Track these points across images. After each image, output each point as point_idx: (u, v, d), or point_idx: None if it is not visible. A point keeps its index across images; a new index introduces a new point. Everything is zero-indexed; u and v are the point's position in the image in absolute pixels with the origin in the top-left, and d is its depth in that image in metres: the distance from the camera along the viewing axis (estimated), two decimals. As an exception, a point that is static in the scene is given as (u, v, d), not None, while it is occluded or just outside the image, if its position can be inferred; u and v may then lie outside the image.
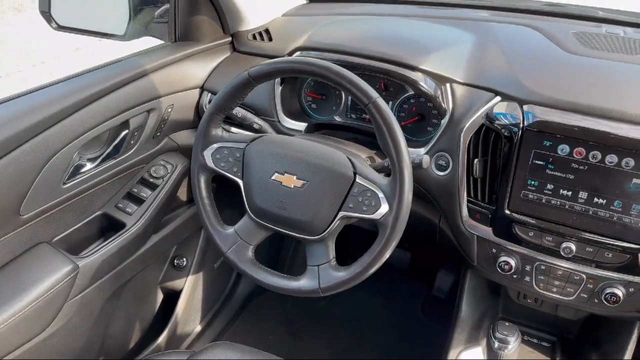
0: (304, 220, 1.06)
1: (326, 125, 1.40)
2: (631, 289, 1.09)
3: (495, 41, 1.27)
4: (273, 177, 1.08)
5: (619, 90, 1.06)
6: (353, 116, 1.41)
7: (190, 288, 1.70)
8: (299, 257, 2.12)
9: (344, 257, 1.15)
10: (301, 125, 1.37)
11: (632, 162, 0.98)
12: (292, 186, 1.06)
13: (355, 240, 1.47)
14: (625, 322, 1.27)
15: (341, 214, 1.04)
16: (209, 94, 1.46)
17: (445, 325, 1.50)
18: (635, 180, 0.99)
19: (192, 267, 1.69)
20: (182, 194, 1.56)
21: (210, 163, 1.15)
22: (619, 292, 1.09)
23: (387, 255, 1.01)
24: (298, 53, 1.37)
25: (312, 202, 1.05)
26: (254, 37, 1.51)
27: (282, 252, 2.13)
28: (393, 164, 0.99)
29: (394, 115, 1.32)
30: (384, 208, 1.00)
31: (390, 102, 1.34)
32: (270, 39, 1.49)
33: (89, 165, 1.26)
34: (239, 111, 1.30)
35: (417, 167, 1.08)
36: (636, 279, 1.07)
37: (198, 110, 1.48)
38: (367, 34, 1.38)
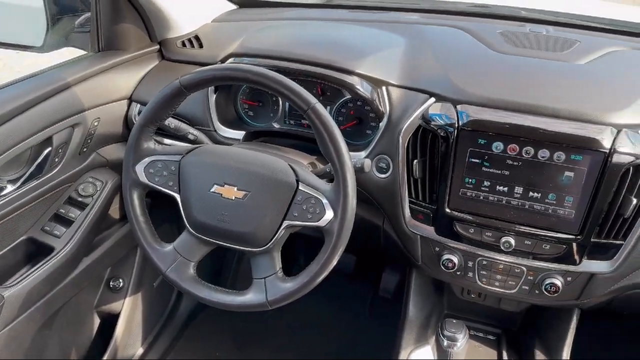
0: (247, 232, 1.02)
1: (265, 132, 1.37)
2: (569, 278, 1.13)
3: (426, 43, 1.29)
4: (212, 190, 1.03)
5: (546, 87, 1.10)
6: (292, 122, 1.38)
7: (129, 310, 1.62)
8: (244, 270, 2.07)
9: (290, 267, 1.13)
10: (238, 134, 1.33)
11: (563, 156, 1.02)
12: (233, 197, 1.02)
13: (300, 248, 1.45)
14: (565, 310, 1.33)
15: (285, 223, 1.01)
16: (138, 105, 1.39)
17: (394, 325, 1.50)
18: (567, 173, 1.03)
19: (130, 288, 1.61)
20: (115, 212, 1.48)
21: (143, 178, 1.09)
22: (558, 282, 1.13)
23: (334, 262, 0.99)
24: (231, 59, 1.33)
25: (255, 213, 1.01)
26: (184, 45, 1.45)
27: (225, 266, 2.07)
28: (335, 170, 0.98)
29: (333, 119, 1.32)
30: (329, 214, 0.98)
31: (329, 107, 1.33)
32: (200, 46, 1.44)
33: (9, 188, 1.17)
34: (171, 122, 1.25)
35: (359, 171, 1.07)
36: (573, 268, 1.11)
37: (127, 122, 1.41)
38: (301, 38, 1.37)
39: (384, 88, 1.22)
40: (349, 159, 0.98)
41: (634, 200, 1.01)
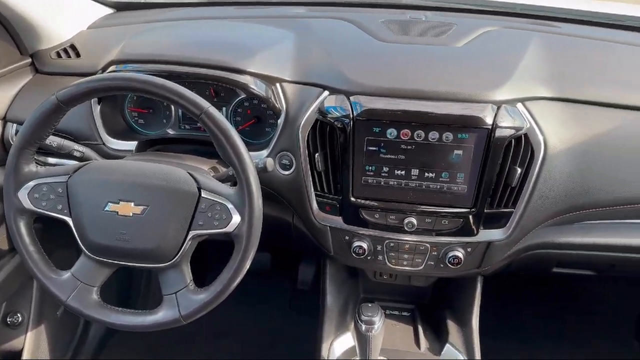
0: (151, 249, 0.98)
1: (159, 140, 1.31)
2: (469, 249, 1.21)
3: (314, 37, 1.30)
4: (107, 208, 0.97)
5: (428, 72, 1.15)
6: (187, 127, 1.34)
7: (32, 345, 1.49)
8: (155, 287, 1.98)
9: (202, 277, 1.10)
10: (131, 145, 1.26)
11: (451, 136, 1.08)
12: (131, 214, 0.97)
13: (210, 255, 1.42)
14: (470, 279, 1.41)
15: (191, 233, 0.98)
16: (15, 125, 1.28)
17: (315, 316, 1.52)
18: (456, 152, 1.09)
19: (30, 322, 1.48)
20: (2, 242, 1.35)
21: (28, 204, 1.00)
22: (460, 254, 1.20)
23: (247, 266, 0.98)
24: (113, 67, 1.25)
25: (157, 228, 0.97)
26: (59, 55, 1.35)
27: (134, 285, 1.97)
28: (238, 173, 0.96)
29: (230, 121, 1.30)
30: (236, 219, 0.97)
31: (224, 108, 1.30)
32: (78, 55, 1.35)
33: None
34: (53, 140, 1.15)
35: (262, 171, 1.07)
36: (471, 239, 1.18)
37: (4, 144, 1.29)
38: (187, 40, 1.32)
39: (278, 85, 1.21)
40: (249, 160, 0.96)
41: (519, 170, 1.09)
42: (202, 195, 0.98)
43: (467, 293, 1.42)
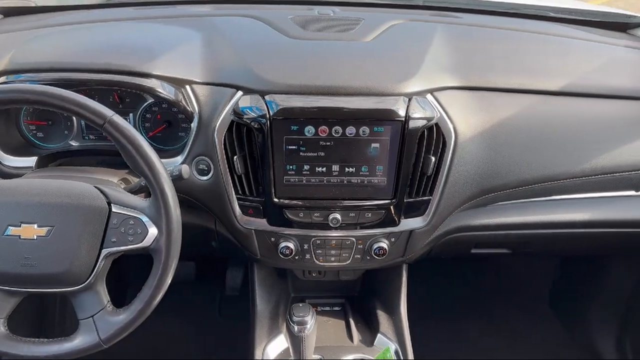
0: (60, 272, 0.90)
1: (62, 153, 1.22)
2: (393, 239, 1.23)
3: (222, 36, 1.26)
4: (8, 232, 0.89)
5: (340, 67, 1.15)
6: (92, 137, 1.25)
7: None
8: (70, 312, 1.85)
9: (122, 296, 1.03)
10: (30, 161, 1.16)
11: (367, 130, 1.09)
12: (35, 237, 0.89)
13: (129, 272, 1.34)
14: (395, 268, 1.45)
15: (104, 252, 0.92)
16: None
17: (247, 321, 1.49)
18: (373, 145, 1.10)
19: None
20: None
21: None
22: (384, 244, 1.22)
23: (168, 280, 0.93)
24: (3, 79, 1.14)
25: (65, 249, 0.90)
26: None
27: (48, 311, 1.83)
28: (150, 183, 0.91)
29: (138, 128, 1.23)
30: (153, 232, 0.92)
31: (131, 115, 1.23)
32: (-40, 67, 1.22)
33: None
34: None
35: (177, 178, 1.02)
36: (394, 229, 1.21)
37: None
38: (85, 44, 1.23)
39: (188, 87, 1.16)
40: (162, 168, 0.92)
41: (433, 159, 1.13)
42: (113, 210, 0.92)
43: (393, 282, 1.46)
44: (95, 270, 0.92)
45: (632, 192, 1.33)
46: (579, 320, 2.00)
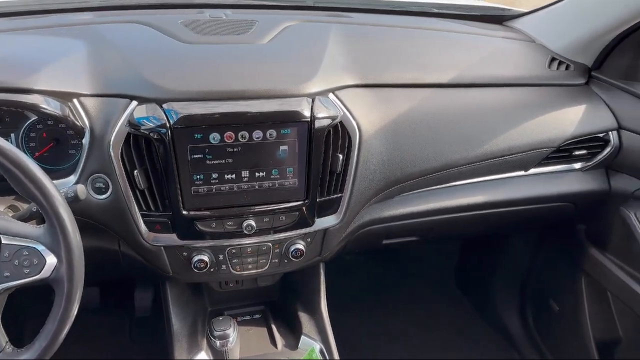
0: None
1: None
2: (309, 239, 1.23)
3: (109, 44, 1.18)
4: None
5: (242, 71, 1.12)
6: (-34, 163, 1.11)
7: None
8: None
9: (20, 332, 0.93)
10: None
11: (274, 133, 1.08)
12: None
13: (25, 305, 1.22)
14: (313, 268, 1.45)
15: None
16: None
17: (161, 342, 1.42)
18: (282, 147, 1.09)
19: None
20: None
21: None
22: (301, 246, 1.22)
23: (74, 312, 0.85)
24: None
25: None
26: None
27: None
28: (43, 208, 0.83)
29: (22, 148, 1.12)
30: (51, 261, 0.83)
31: (12, 135, 1.11)
32: None
33: None
34: None
35: (73, 200, 0.94)
36: (309, 229, 1.20)
37: None
38: None
39: (75, 101, 1.07)
40: (55, 190, 0.84)
41: (340, 157, 1.14)
42: (2, 241, 0.82)
43: (312, 282, 1.46)
44: None
45: (522, 172, 1.44)
46: (483, 296, 2.14)
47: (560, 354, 1.84)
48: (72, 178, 1.08)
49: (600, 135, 1.42)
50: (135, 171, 1.05)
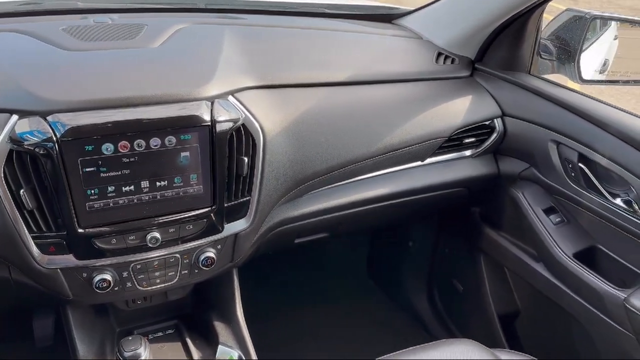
0: None
1: None
2: (219, 246, 1.20)
3: None
4: None
5: (133, 76, 1.07)
6: None
7: None
8: None
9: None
10: None
11: (174, 139, 1.04)
12: None
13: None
14: (226, 275, 1.41)
15: None
16: None
17: None
18: (183, 154, 1.06)
19: None
20: None
21: None
22: (211, 253, 1.18)
23: None
24: None
25: None
26: None
27: None
28: None
29: None
30: None
31: None
32: None
33: None
34: None
35: None
36: (219, 236, 1.17)
37: None
38: None
39: None
40: None
41: (245, 159, 1.12)
42: None
43: (226, 289, 1.43)
44: None
45: (420, 163, 1.52)
46: (395, 284, 2.22)
47: (467, 330, 1.96)
48: None
49: (487, 123, 1.53)
50: (22, 190, 0.97)
